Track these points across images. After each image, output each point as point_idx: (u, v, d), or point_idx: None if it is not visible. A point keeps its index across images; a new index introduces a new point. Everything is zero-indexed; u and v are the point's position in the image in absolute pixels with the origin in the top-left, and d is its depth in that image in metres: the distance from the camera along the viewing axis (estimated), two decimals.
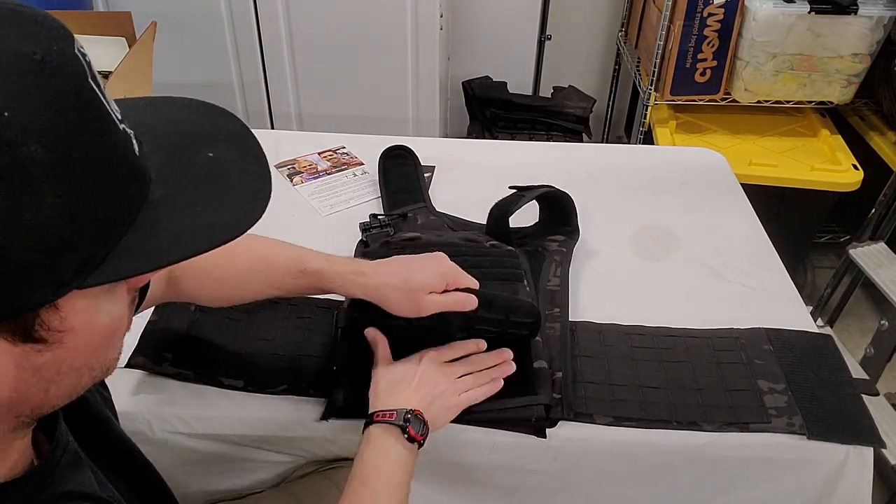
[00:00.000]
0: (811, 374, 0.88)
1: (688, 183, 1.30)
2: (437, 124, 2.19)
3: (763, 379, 0.87)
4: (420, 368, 0.78)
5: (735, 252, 1.12)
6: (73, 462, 0.49)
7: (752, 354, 0.91)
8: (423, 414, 0.73)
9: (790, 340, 0.93)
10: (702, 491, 0.87)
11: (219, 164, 0.45)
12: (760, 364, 0.89)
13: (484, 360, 0.82)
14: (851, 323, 2.03)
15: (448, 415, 0.77)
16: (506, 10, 2.36)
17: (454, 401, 0.77)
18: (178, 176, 0.43)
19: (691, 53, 1.89)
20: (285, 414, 0.84)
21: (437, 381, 0.77)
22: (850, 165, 1.86)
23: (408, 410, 0.72)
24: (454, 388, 0.78)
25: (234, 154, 0.47)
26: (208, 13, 1.99)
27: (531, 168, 1.31)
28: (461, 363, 0.81)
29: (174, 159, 0.44)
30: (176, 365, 0.86)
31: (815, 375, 0.88)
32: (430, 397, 0.75)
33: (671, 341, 0.92)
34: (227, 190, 0.44)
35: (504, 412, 0.81)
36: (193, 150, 0.46)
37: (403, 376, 0.78)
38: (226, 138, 0.48)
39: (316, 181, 1.28)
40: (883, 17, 1.77)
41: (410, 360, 0.80)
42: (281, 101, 2.16)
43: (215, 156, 0.46)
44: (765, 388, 0.86)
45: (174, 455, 0.85)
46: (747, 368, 0.89)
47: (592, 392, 0.85)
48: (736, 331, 0.95)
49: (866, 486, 0.85)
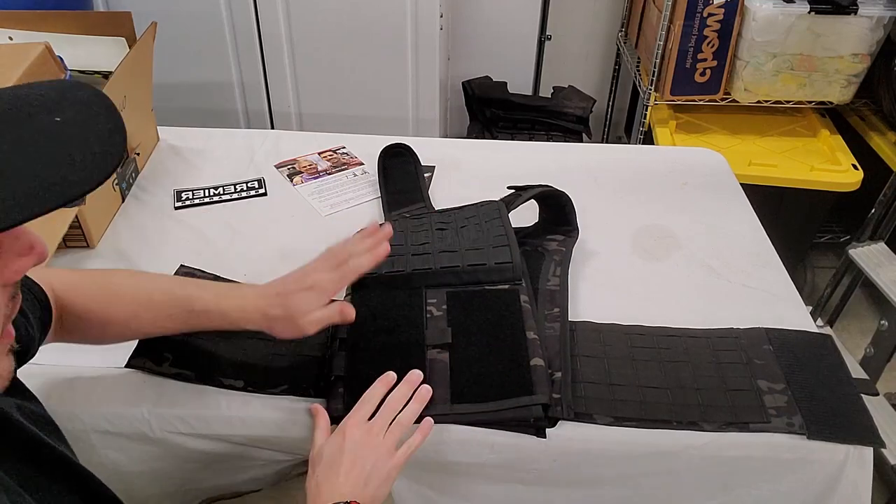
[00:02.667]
0: (811, 374, 0.88)
1: (688, 183, 1.30)
2: (437, 124, 2.19)
3: (763, 379, 0.87)
4: (346, 447, 0.73)
5: (735, 252, 1.12)
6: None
7: (752, 354, 0.91)
8: (357, 502, 0.69)
9: (790, 340, 0.93)
10: (702, 491, 0.87)
11: (63, 128, 0.43)
12: (760, 364, 0.89)
13: (398, 397, 0.79)
14: (851, 323, 2.03)
15: (389, 482, 0.73)
16: (506, 10, 2.36)
17: (391, 465, 0.73)
18: (16, 143, 0.41)
19: (691, 53, 1.89)
20: (285, 414, 0.83)
21: (366, 457, 0.72)
22: (849, 165, 1.86)
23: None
24: (386, 451, 0.74)
25: (80, 116, 0.45)
26: (208, 13, 1.99)
27: (531, 168, 1.31)
28: (380, 416, 0.77)
29: (12, 129, 0.42)
30: (176, 365, 0.86)
31: (814, 375, 0.88)
32: (363, 479, 0.71)
33: (671, 341, 0.92)
34: (69, 152, 0.42)
35: (501, 413, 0.80)
36: (38, 118, 0.43)
37: (332, 462, 0.72)
38: (73, 103, 0.46)
39: (316, 181, 1.28)
40: (883, 17, 1.77)
41: (334, 438, 0.75)
42: (281, 101, 2.16)
43: (61, 120, 0.44)
44: (764, 388, 0.86)
45: (174, 455, 0.85)
46: (747, 368, 0.89)
47: (592, 392, 0.85)
48: (736, 331, 0.95)
49: (866, 486, 0.85)
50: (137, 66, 1.22)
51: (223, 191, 1.24)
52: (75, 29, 1.25)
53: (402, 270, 0.95)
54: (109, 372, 0.86)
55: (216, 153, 1.35)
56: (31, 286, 0.70)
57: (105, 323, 0.78)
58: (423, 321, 0.90)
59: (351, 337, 0.88)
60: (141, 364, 0.85)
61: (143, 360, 0.85)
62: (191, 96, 2.10)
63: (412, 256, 0.97)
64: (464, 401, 0.81)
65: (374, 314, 0.91)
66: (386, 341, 0.87)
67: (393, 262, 0.95)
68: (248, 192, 1.24)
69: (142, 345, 0.87)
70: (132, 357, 0.86)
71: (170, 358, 0.86)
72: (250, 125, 2.20)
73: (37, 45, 0.99)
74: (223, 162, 1.32)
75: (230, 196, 1.23)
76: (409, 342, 0.87)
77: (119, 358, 0.85)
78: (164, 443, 0.83)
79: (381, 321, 0.90)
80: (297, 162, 1.33)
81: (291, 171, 1.31)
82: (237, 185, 1.25)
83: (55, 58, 1.06)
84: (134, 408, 0.83)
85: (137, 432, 0.83)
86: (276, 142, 1.39)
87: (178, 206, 1.20)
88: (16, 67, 0.93)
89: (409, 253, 0.97)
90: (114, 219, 1.16)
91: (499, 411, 0.80)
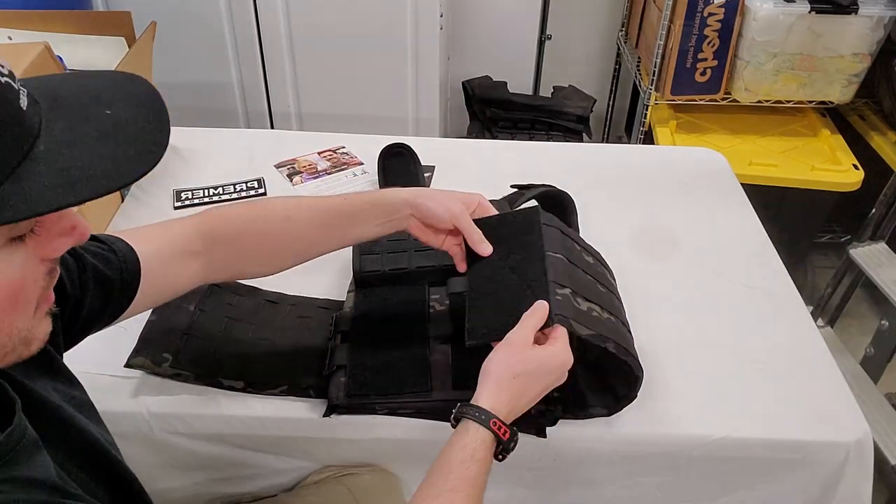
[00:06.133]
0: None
1: (688, 183, 1.30)
2: (437, 124, 2.19)
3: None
4: (559, 361, 0.70)
5: (735, 252, 1.12)
6: (32, 449, 0.49)
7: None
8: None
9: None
10: (702, 491, 0.87)
11: (113, 121, 0.46)
12: None
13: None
14: (851, 323, 2.03)
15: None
16: (506, 10, 2.36)
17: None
18: (70, 132, 0.44)
19: (691, 53, 1.89)
20: (285, 414, 0.83)
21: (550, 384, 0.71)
22: (850, 165, 1.86)
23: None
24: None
25: (130, 112, 0.47)
26: (208, 13, 1.99)
27: (531, 168, 1.31)
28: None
29: (69, 117, 0.45)
30: (176, 366, 0.86)
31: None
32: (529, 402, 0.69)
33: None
34: (116, 145, 0.45)
35: None
36: (90, 109, 0.46)
37: (543, 371, 0.69)
38: (124, 98, 0.48)
39: (316, 181, 1.28)
40: (883, 17, 1.77)
41: (555, 344, 0.70)
42: (281, 101, 2.15)
43: (112, 113, 0.46)
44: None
45: (174, 456, 0.85)
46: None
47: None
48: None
49: (866, 486, 0.85)
50: (137, 66, 1.22)
51: (223, 191, 1.24)
52: (75, 28, 1.25)
53: (405, 267, 0.96)
54: (109, 372, 0.86)
55: (216, 153, 1.35)
56: (116, 249, 0.70)
57: (257, 246, 0.79)
58: (426, 315, 0.90)
59: (354, 330, 0.89)
60: (140, 364, 0.85)
61: (143, 361, 0.85)
62: (191, 96, 2.10)
63: (414, 252, 0.98)
64: (464, 388, 0.79)
65: (378, 309, 0.91)
66: (389, 334, 0.88)
67: (396, 260, 0.96)
68: (248, 192, 1.24)
69: (141, 344, 0.87)
70: (132, 357, 0.85)
71: (169, 358, 0.86)
72: (250, 125, 2.20)
73: (36, 44, 0.99)
74: (223, 162, 1.32)
75: (230, 196, 1.23)
76: (412, 335, 0.87)
77: (119, 358, 0.85)
78: (164, 443, 0.84)
79: (384, 315, 0.90)
80: (296, 162, 1.33)
81: (291, 171, 1.31)
82: (237, 184, 1.25)
83: (54, 57, 1.07)
84: (134, 408, 0.83)
85: (137, 433, 0.83)
86: (276, 142, 1.39)
87: (177, 205, 1.20)
88: (15, 67, 0.92)
89: (412, 249, 0.98)
90: (113, 218, 1.16)
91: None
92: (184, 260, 0.75)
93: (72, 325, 0.65)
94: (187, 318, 0.91)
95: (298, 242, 0.81)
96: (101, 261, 0.67)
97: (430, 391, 0.82)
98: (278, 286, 0.98)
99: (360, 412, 0.83)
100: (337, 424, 0.83)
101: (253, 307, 0.95)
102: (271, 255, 0.81)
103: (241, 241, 0.79)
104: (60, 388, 0.59)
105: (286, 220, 0.79)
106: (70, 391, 0.61)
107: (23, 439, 0.48)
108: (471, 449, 0.64)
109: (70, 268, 0.64)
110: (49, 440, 0.52)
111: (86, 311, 0.66)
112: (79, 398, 0.61)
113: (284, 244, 0.80)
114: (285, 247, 0.81)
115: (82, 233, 0.48)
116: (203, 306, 0.92)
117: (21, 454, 0.47)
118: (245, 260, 0.81)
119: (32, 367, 0.56)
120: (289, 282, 0.95)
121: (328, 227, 0.80)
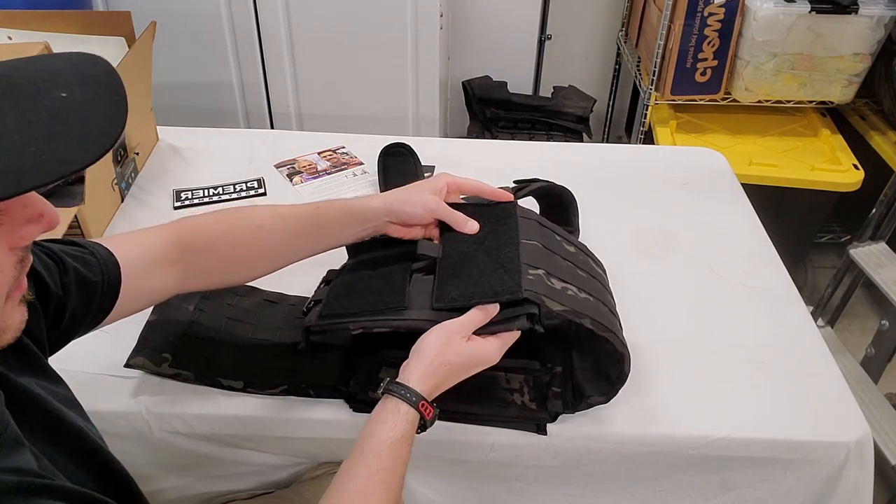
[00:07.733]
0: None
1: (688, 183, 1.30)
2: (437, 124, 2.19)
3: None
4: (485, 359, 0.73)
5: (735, 252, 1.12)
6: (12, 445, 0.48)
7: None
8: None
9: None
10: (702, 490, 0.87)
11: (68, 104, 0.45)
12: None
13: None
14: (851, 323, 2.03)
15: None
16: (506, 10, 2.36)
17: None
18: (22, 116, 0.43)
19: (692, 53, 1.89)
20: (285, 414, 0.83)
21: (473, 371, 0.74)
22: (850, 165, 1.86)
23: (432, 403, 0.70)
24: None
25: (87, 94, 0.46)
26: (208, 13, 1.99)
27: (531, 168, 1.30)
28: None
29: (22, 101, 0.43)
30: (175, 366, 0.86)
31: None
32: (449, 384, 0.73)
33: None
34: (68, 129, 0.43)
35: (485, 301, 0.74)
36: (45, 93, 0.45)
37: (469, 365, 0.73)
38: (81, 80, 0.47)
39: (315, 181, 1.28)
40: (883, 17, 1.77)
41: (491, 341, 0.74)
42: (281, 101, 2.15)
43: (68, 96, 0.45)
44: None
45: (173, 455, 0.85)
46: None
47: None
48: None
49: (866, 486, 0.85)
50: (136, 66, 1.22)
51: (223, 191, 1.24)
52: (75, 28, 1.25)
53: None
54: (108, 372, 0.86)
55: (216, 153, 1.35)
56: (95, 252, 0.70)
57: (230, 255, 0.80)
58: (412, 258, 0.84)
59: (337, 276, 0.86)
60: (139, 364, 0.85)
61: (142, 360, 0.85)
62: (190, 96, 2.10)
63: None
64: (446, 311, 0.75)
65: (366, 261, 0.87)
66: (370, 269, 0.84)
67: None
68: (248, 192, 1.24)
69: (140, 344, 0.87)
70: (130, 357, 0.85)
71: (169, 358, 0.86)
72: (250, 125, 2.20)
73: (36, 44, 0.99)
74: (223, 162, 1.32)
75: (230, 196, 1.23)
76: (394, 270, 0.82)
77: (118, 358, 0.85)
78: (164, 443, 0.83)
79: (370, 264, 0.86)
80: (296, 162, 1.33)
81: (291, 170, 1.31)
82: (237, 184, 1.25)
83: None
84: (133, 408, 0.83)
85: (137, 432, 0.83)
86: (276, 141, 1.39)
87: (177, 205, 1.20)
88: None
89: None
90: (113, 218, 1.16)
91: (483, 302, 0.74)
92: (160, 267, 0.76)
93: (56, 327, 0.65)
94: (187, 318, 0.91)
95: (272, 250, 0.82)
96: (82, 263, 0.67)
97: (406, 308, 0.76)
98: (278, 286, 0.98)
99: (335, 334, 0.80)
100: (337, 426, 0.83)
101: (253, 307, 0.95)
102: (244, 263, 0.82)
103: (214, 249, 0.80)
104: (45, 385, 0.59)
105: (258, 229, 0.81)
106: (55, 388, 0.60)
107: (3, 434, 0.48)
108: (401, 429, 0.67)
109: (51, 270, 0.64)
110: (34, 431, 0.52)
111: (69, 313, 0.66)
112: (64, 395, 0.61)
113: (257, 252, 0.82)
114: (258, 255, 0.82)
115: (50, 220, 0.48)
116: (202, 306, 0.92)
117: (2, 448, 0.47)
118: (219, 268, 0.81)
119: (16, 366, 0.56)
120: (289, 282, 0.95)
121: (301, 235, 0.82)
